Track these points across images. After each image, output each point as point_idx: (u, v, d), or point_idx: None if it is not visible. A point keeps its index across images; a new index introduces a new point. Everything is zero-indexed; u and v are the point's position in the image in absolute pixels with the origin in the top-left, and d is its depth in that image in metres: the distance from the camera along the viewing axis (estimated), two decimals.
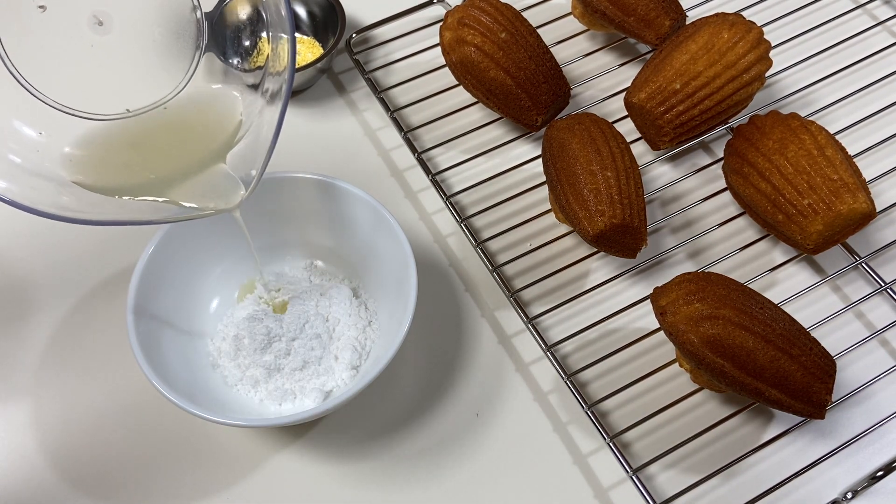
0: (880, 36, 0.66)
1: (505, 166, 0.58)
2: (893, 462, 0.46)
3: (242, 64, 0.64)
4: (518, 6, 0.64)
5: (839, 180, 0.48)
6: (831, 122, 0.59)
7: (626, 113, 0.58)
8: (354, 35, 0.65)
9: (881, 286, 0.52)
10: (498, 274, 0.53)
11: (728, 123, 0.58)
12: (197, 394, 0.44)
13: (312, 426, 0.48)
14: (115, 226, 0.38)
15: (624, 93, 0.57)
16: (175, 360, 0.45)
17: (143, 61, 0.42)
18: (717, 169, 0.58)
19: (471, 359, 0.51)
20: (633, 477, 0.45)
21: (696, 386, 0.48)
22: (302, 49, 0.65)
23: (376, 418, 0.49)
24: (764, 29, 0.54)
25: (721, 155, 0.56)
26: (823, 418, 0.44)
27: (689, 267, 0.54)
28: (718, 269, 0.53)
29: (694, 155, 0.60)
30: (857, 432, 0.47)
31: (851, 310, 0.52)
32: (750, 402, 0.48)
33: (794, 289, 0.52)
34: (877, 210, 0.49)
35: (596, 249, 0.52)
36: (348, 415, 0.49)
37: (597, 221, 0.48)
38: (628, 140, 0.53)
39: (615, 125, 0.53)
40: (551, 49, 0.59)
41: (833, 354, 0.45)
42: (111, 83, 0.41)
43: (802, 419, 0.47)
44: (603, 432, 0.46)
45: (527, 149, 0.60)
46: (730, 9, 0.66)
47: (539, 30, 0.60)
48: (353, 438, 0.48)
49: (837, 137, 0.53)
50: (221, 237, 0.50)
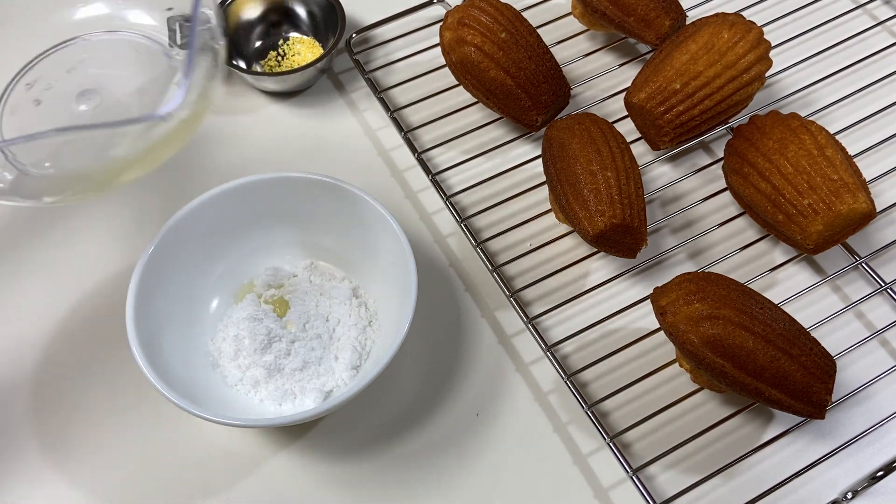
0: (880, 36, 0.66)
1: (505, 166, 0.58)
2: (893, 462, 0.46)
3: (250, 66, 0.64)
4: (518, 6, 0.64)
5: (839, 180, 0.48)
6: (831, 122, 0.59)
7: (626, 113, 0.58)
8: (354, 35, 0.65)
9: (881, 286, 0.52)
10: (498, 274, 0.53)
11: (728, 123, 0.58)
12: (197, 394, 0.44)
13: (312, 426, 0.48)
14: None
15: (624, 93, 0.57)
16: (175, 360, 0.45)
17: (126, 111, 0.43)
18: (717, 169, 0.58)
19: (471, 359, 0.51)
20: (633, 477, 0.45)
21: (696, 386, 0.48)
22: (302, 49, 0.65)
23: (376, 418, 0.49)
24: (764, 29, 0.55)
25: (721, 155, 0.56)
26: (823, 418, 0.44)
27: (689, 267, 0.54)
28: (718, 269, 0.53)
29: (694, 155, 0.60)
30: (857, 432, 0.47)
31: (851, 310, 0.52)
32: (750, 402, 0.48)
33: (794, 289, 0.52)
34: (877, 210, 0.49)
35: (596, 249, 0.52)
36: (348, 415, 0.49)
37: (597, 221, 0.48)
38: (628, 140, 0.53)
39: (615, 125, 0.53)
40: (551, 49, 0.59)
41: (833, 354, 0.45)
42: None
43: (802, 419, 0.47)
44: (603, 432, 0.46)
45: (527, 149, 0.60)
46: (730, 9, 0.66)
47: (539, 30, 0.60)
48: (353, 439, 0.48)
49: (837, 137, 0.53)
50: (222, 237, 0.50)
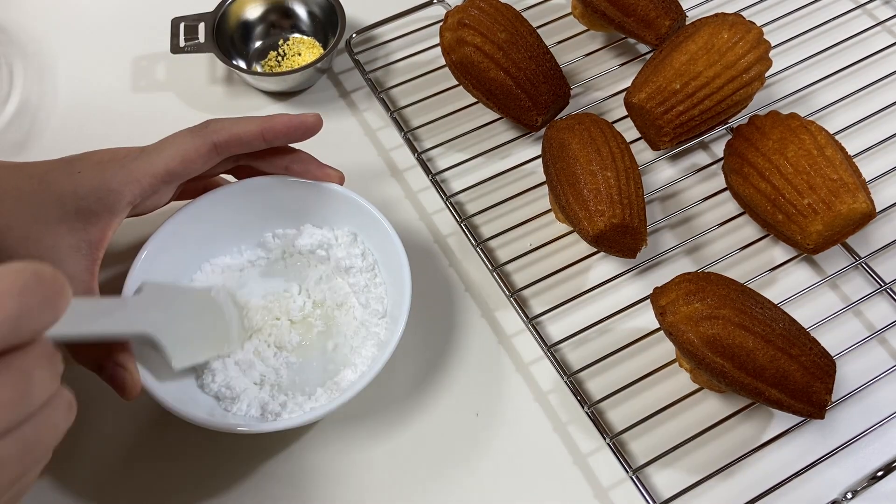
0: (880, 36, 0.66)
1: (505, 166, 0.58)
2: (893, 462, 0.46)
3: (248, 65, 0.64)
4: (518, 6, 0.64)
5: (839, 180, 0.48)
6: (831, 122, 0.59)
7: (626, 113, 0.58)
8: (354, 35, 0.65)
9: (881, 286, 0.52)
10: (498, 274, 0.53)
11: (728, 123, 0.58)
12: (185, 399, 0.44)
13: (310, 428, 0.48)
14: None
15: (624, 93, 0.57)
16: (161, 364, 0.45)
17: None
18: (717, 169, 0.58)
19: (471, 359, 0.51)
20: (633, 477, 0.45)
21: (696, 386, 0.48)
22: (302, 49, 0.66)
23: (375, 419, 0.49)
24: (764, 29, 0.54)
25: (721, 155, 0.56)
26: (823, 418, 0.44)
27: (689, 267, 0.54)
28: (718, 269, 0.53)
29: (694, 155, 0.60)
30: (857, 432, 0.47)
31: (851, 309, 0.52)
32: (750, 402, 0.48)
33: (794, 288, 0.52)
34: (876, 210, 0.49)
35: (596, 249, 0.52)
36: (347, 415, 0.49)
37: (597, 221, 0.48)
38: (628, 140, 0.53)
39: (615, 125, 0.53)
40: (551, 49, 0.59)
41: (833, 354, 0.45)
42: None
43: (802, 419, 0.47)
44: (603, 432, 0.47)
45: (527, 149, 0.60)
46: (730, 9, 0.66)
47: (539, 30, 0.60)
48: (352, 439, 0.48)
49: (837, 137, 0.53)
50: (217, 243, 0.51)
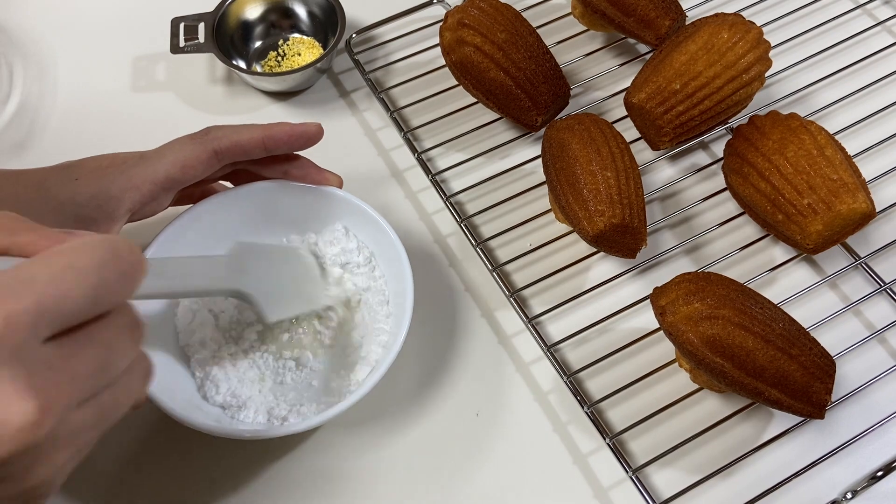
0: (880, 36, 0.66)
1: (505, 166, 0.58)
2: (893, 462, 0.46)
3: (249, 66, 0.64)
4: (518, 6, 0.64)
5: (839, 180, 0.48)
6: (831, 122, 0.59)
7: (626, 113, 0.58)
8: (354, 35, 0.65)
9: (881, 286, 0.52)
10: (498, 274, 0.53)
11: (728, 123, 0.58)
12: (191, 408, 0.44)
13: (314, 432, 0.48)
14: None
15: (624, 93, 0.57)
16: (162, 368, 0.45)
17: None
18: (717, 169, 0.58)
19: (471, 359, 0.51)
20: (633, 477, 0.45)
21: (696, 386, 0.48)
22: (302, 49, 0.66)
23: (375, 419, 0.49)
24: (764, 29, 0.54)
25: (721, 155, 0.56)
26: (823, 418, 0.44)
27: (689, 267, 0.54)
28: (718, 269, 0.53)
29: (694, 155, 0.60)
30: (857, 432, 0.47)
31: (851, 309, 0.52)
32: (750, 402, 0.48)
33: (794, 288, 0.52)
34: (876, 210, 0.49)
35: (595, 249, 0.52)
36: (347, 416, 0.48)
37: (597, 221, 0.48)
38: (628, 140, 0.53)
39: (615, 125, 0.53)
40: (551, 49, 0.59)
41: (833, 354, 0.45)
42: None
43: (802, 419, 0.47)
44: (603, 432, 0.47)
45: (527, 149, 0.60)
46: (730, 9, 0.66)
47: (539, 30, 0.60)
48: (352, 440, 0.48)
49: (837, 137, 0.53)
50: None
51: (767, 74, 0.55)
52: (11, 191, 0.44)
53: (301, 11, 0.66)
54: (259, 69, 0.65)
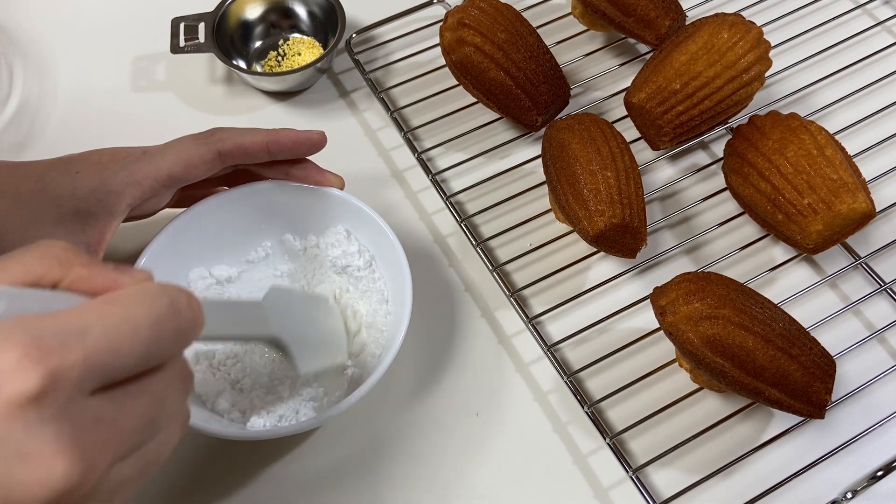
0: (880, 36, 0.66)
1: (505, 166, 0.58)
2: (893, 462, 0.47)
3: (249, 66, 0.64)
4: (518, 6, 0.64)
5: (839, 180, 0.48)
6: (831, 122, 0.59)
7: (626, 113, 0.58)
8: (354, 35, 0.65)
9: (881, 286, 0.52)
10: (498, 274, 0.53)
11: (728, 123, 0.58)
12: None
13: (311, 432, 0.48)
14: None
15: (624, 93, 0.57)
16: None
17: None
18: (717, 169, 0.58)
19: (471, 359, 0.51)
20: (633, 477, 0.45)
21: (696, 386, 0.48)
22: (302, 49, 0.66)
23: (376, 419, 0.49)
24: (764, 29, 0.54)
25: (721, 155, 0.56)
26: (823, 418, 0.44)
27: (689, 266, 0.54)
28: (718, 269, 0.53)
29: (694, 155, 0.60)
30: (857, 432, 0.47)
31: (851, 309, 0.52)
32: (750, 402, 0.48)
33: (794, 288, 0.52)
34: (876, 209, 0.49)
35: (596, 249, 0.52)
36: (347, 416, 0.49)
37: (597, 221, 0.48)
38: (628, 140, 0.53)
39: (615, 125, 0.53)
40: (551, 49, 0.59)
41: (833, 354, 0.45)
42: None
43: (802, 419, 0.47)
44: (603, 432, 0.47)
45: (527, 149, 0.60)
46: (730, 9, 0.66)
47: (539, 30, 0.60)
48: (352, 440, 0.48)
49: (837, 137, 0.53)
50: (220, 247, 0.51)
51: (767, 74, 0.55)
52: (12, 183, 0.44)
53: (301, 11, 0.66)
54: (259, 69, 0.65)
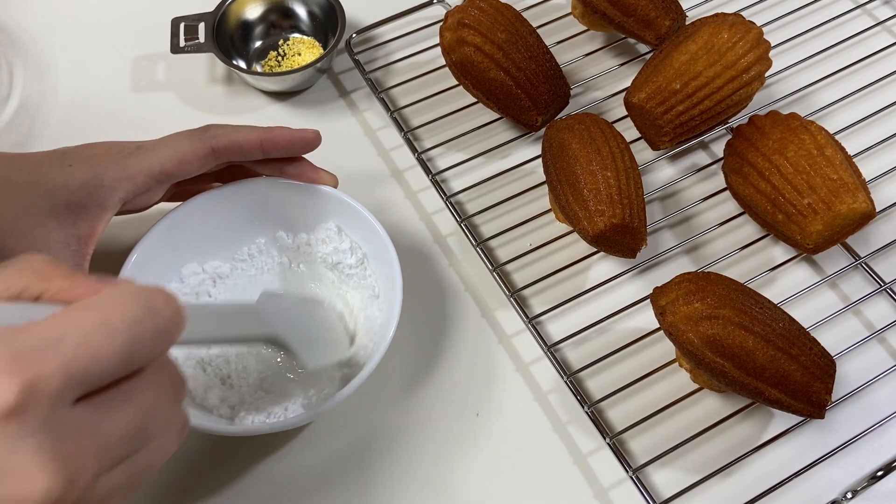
0: (880, 36, 0.66)
1: (505, 166, 0.58)
2: (893, 462, 0.47)
3: (248, 66, 0.64)
4: (518, 6, 0.64)
5: (839, 180, 0.48)
6: (831, 122, 0.59)
7: (626, 113, 0.58)
8: (354, 35, 0.65)
9: (881, 286, 0.52)
10: (498, 274, 0.53)
11: (728, 123, 0.58)
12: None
13: (306, 428, 0.48)
14: None
15: (624, 93, 0.57)
16: None
17: None
18: (717, 169, 0.58)
19: (471, 359, 0.51)
20: (633, 477, 0.45)
21: (696, 386, 0.48)
22: (302, 49, 0.66)
23: (374, 419, 0.49)
24: (764, 29, 0.54)
25: (721, 155, 0.56)
26: (823, 418, 0.44)
27: (689, 266, 0.54)
28: (718, 269, 0.53)
29: (694, 155, 0.60)
30: (857, 432, 0.47)
31: (851, 309, 0.52)
32: (750, 402, 0.48)
33: (794, 288, 0.52)
34: (876, 209, 0.49)
35: (596, 249, 0.52)
36: (344, 416, 0.49)
37: (597, 221, 0.48)
38: (628, 140, 0.53)
39: (615, 125, 0.53)
40: (551, 49, 0.59)
41: (833, 354, 0.45)
42: None
43: (802, 419, 0.47)
44: (603, 432, 0.47)
45: (527, 149, 0.60)
46: (730, 9, 0.66)
47: (539, 30, 0.60)
48: (351, 440, 0.48)
49: (837, 137, 0.53)
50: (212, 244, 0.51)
51: (767, 74, 0.55)
52: (5, 174, 0.44)
53: (301, 11, 0.66)
54: (259, 69, 0.65)
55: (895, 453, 0.47)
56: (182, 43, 0.62)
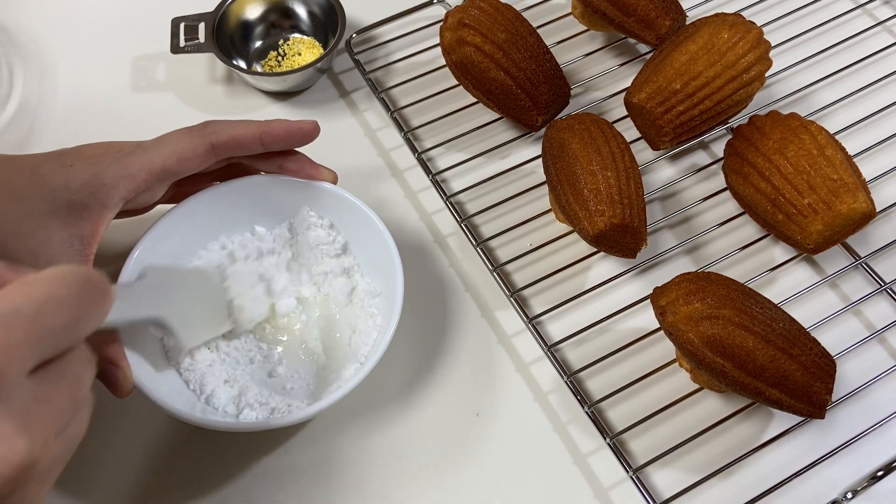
0: (880, 36, 0.66)
1: (505, 166, 0.58)
2: (893, 462, 0.46)
3: (248, 66, 0.64)
4: (518, 6, 0.64)
5: (839, 180, 0.48)
6: (831, 122, 0.59)
7: (626, 113, 0.58)
8: (354, 35, 0.65)
9: (881, 286, 0.52)
10: (498, 274, 0.53)
11: (728, 123, 0.58)
12: (181, 400, 0.44)
13: (307, 426, 0.48)
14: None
15: (624, 93, 0.57)
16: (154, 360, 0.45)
17: None
18: (717, 169, 0.58)
19: (471, 359, 0.51)
20: (633, 477, 0.45)
21: (696, 386, 0.48)
22: (302, 49, 0.66)
23: (374, 419, 0.49)
24: (764, 29, 0.54)
25: (721, 155, 0.56)
26: (823, 418, 0.44)
27: (689, 266, 0.54)
28: (718, 269, 0.53)
29: (694, 155, 0.60)
30: (857, 432, 0.47)
31: (851, 309, 0.52)
32: (750, 402, 0.48)
33: (794, 288, 0.52)
34: (876, 209, 0.49)
35: (596, 249, 0.52)
36: (345, 416, 0.49)
37: (597, 221, 0.48)
38: (628, 140, 0.53)
39: (615, 125, 0.53)
40: (551, 49, 0.59)
41: (833, 354, 0.45)
42: None
43: (802, 419, 0.47)
44: (603, 432, 0.47)
45: (527, 149, 0.60)
46: (730, 9, 0.66)
47: (539, 30, 0.60)
48: (350, 440, 0.48)
49: (837, 137, 0.53)
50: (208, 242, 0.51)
51: (767, 74, 0.55)
52: (5, 175, 0.44)
53: (301, 11, 0.66)
54: (259, 69, 0.65)
55: (895, 453, 0.47)
56: (182, 43, 0.62)
